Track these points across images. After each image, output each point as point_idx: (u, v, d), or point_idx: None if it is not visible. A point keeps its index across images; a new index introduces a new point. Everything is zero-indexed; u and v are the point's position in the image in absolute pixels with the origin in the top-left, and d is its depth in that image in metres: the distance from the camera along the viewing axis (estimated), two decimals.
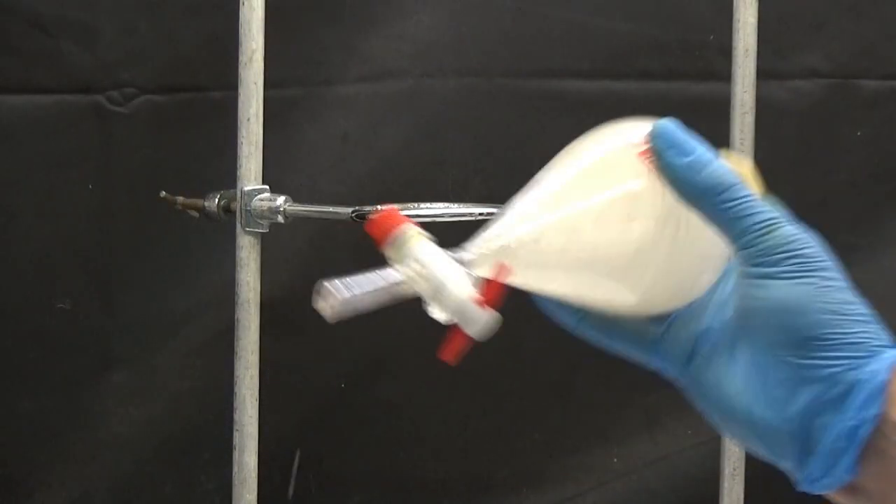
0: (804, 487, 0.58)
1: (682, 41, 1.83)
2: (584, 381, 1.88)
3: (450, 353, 0.58)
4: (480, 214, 1.42)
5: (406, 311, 0.61)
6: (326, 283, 0.57)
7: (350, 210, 1.41)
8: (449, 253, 0.60)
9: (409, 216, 0.61)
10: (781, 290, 0.57)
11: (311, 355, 1.82)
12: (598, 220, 0.61)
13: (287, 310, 1.75)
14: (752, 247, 0.58)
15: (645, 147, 0.62)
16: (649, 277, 0.62)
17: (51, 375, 1.76)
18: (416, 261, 0.59)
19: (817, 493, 0.58)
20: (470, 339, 0.58)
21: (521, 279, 0.62)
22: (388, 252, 0.60)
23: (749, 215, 0.59)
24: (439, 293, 0.58)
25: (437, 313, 0.59)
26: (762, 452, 0.60)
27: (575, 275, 0.62)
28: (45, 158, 1.73)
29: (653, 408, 1.90)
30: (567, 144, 0.64)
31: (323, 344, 1.81)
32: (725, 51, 1.56)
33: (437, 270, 0.58)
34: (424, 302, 0.59)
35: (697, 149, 0.60)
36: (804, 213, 0.63)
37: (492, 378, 1.85)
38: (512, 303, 0.63)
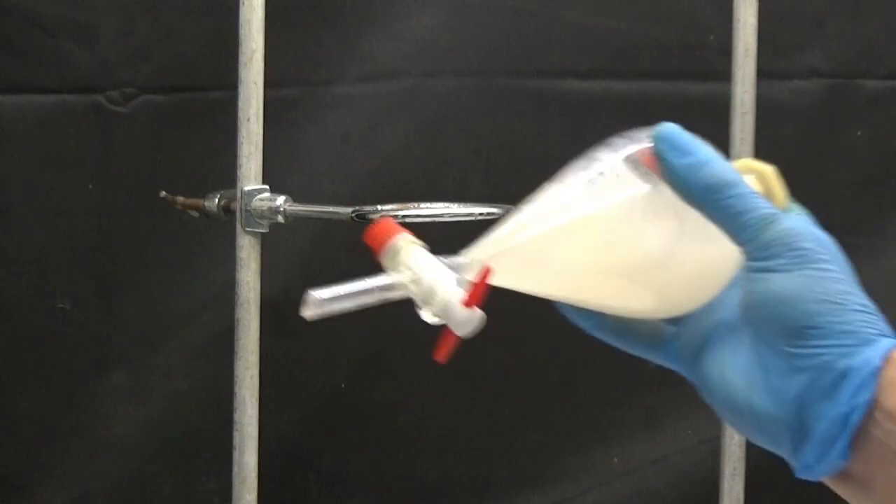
0: (801, 474, 0.58)
1: (682, 41, 1.83)
2: (584, 381, 1.88)
3: (441, 354, 0.62)
4: (480, 214, 1.42)
5: (406, 311, 0.62)
6: (310, 291, 0.61)
7: (350, 210, 1.41)
8: (443, 259, 0.63)
9: (408, 216, 0.63)
10: (778, 283, 0.59)
11: (311, 355, 1.82)
12: (607, 224, 0.62)
13: (287, 310, 1.74)
14: (752, 241, 0.60)
15: (649, 152, 0.62)
16: (665, 280, 0.64)
17: (51, 375, 1.76)
18: (408, 267, 0.62)
19: (813, 479, 0.58)
20: (458, 338, 0.61)
21: (525, 284, 0.64)
22: (384, 261, 0.63)
23: (747, 210, 0.60)
24: (428, 296, 0.61)
25: (428, 316, 0.62)
26: (763, 442, 0.60)
27: (585, 278, 0.64)
28: (45, 158, 1.73)
29: (653, 408, 1.90)
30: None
31: (323, 344, 1.81)
32: (725, 51, 1.56)
33: (426, 275, 0.62)
34: (417, 306, 0.62)
35: (698, 149, 0.61)
36: None
37: (492, 378, 1.85)
38: (512, 304, 0.63)
